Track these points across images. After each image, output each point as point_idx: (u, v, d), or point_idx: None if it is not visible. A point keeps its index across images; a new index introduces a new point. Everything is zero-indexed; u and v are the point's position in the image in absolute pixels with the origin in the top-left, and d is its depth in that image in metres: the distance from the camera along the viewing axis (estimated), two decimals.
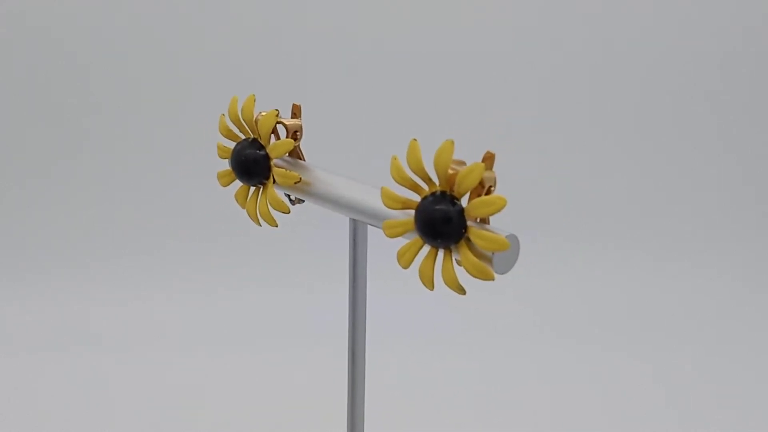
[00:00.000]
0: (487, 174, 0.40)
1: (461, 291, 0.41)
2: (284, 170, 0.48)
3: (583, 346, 1.04)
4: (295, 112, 0.50)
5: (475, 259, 0.40)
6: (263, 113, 0.49)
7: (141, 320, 1.09)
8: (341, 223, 0.48)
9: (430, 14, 1.23)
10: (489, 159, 0.41)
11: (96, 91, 1.19)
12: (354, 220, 0.48)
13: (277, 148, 0.48)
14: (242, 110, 0.49)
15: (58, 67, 1.19)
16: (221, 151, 0.52)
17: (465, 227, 0.40)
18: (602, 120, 1.25)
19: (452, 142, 0.39)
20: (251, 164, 0.49)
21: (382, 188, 0.43)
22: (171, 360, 1.00)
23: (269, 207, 0.49)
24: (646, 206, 1.26)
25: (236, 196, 0.52)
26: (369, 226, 0.48)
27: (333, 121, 1.18)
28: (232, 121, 0.50)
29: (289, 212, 0.48)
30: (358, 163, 1.10)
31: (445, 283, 0.41)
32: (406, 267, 0.43)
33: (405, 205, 0.42)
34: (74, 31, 1.19)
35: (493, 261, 0.40)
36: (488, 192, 0.41)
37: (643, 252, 1.23)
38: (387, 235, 0.43)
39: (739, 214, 1.26)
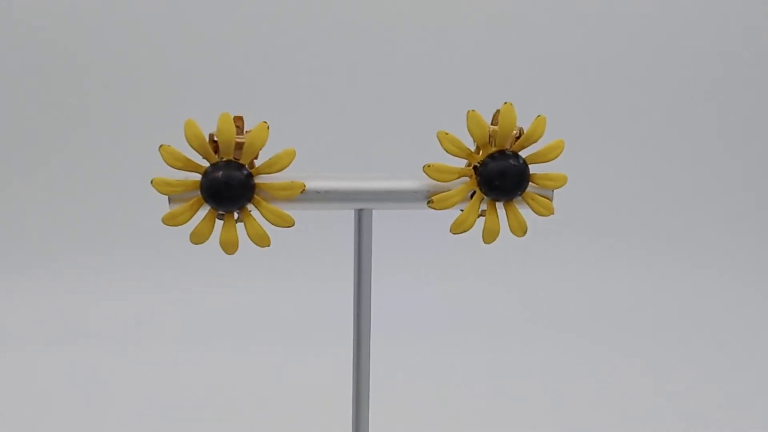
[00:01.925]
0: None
1: (525, 233, 0.45)
2: (289, 182, 0.42)
3: (585, 345, 1.04)
4: (239, 125, 0.43)
5: (543, 199, 0.44)
6: (247, 129, 0.42)
7: (142, 316, 1.08)
8: (331, 219, 0.45)
9: (423, 12, 1.18)
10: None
11: (93, 87, 1.17)
12: (359, 211, 0.46)
13: (280, 161, 0.42)
14: (221, 131, 0.41)
15: (58, 66, 1.17)
16: (167, 187, 0.42)
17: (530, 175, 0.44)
18: (602, 118, 1.24)
19: (512, 104, 0.42)
20: (236, 188, 0.42)
21: (430, 164, 0.43)
22: (172, 356, 0.98)
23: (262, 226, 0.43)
24: (647, 206, 1.25)
25: (199, 233, 0.43)
26: (371, 218, 0.46)
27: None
28: (195, 146, 0.41)
29: (294, 223, 0.43)
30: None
31: (515, 232, 0.45)
32: (468, 229, 0.44)
33: (461, 173, 0.43)
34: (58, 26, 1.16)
35: (553, 197, 0.45)
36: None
37: (644, 251, 1.23)
38: (440, 208, 0.44)
39: (740, 214, 1.26)
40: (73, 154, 1.18)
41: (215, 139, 0.43)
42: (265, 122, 0.42)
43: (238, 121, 0.44)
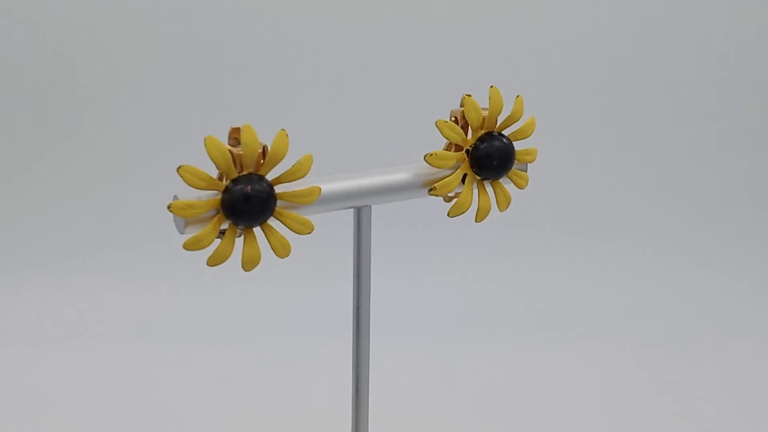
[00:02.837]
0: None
1: (509, 206, 0.48)
2: (308, 188, 0.42)
3: (586, 344, 1.03)
4: (237, 137, 0.42)
5: (522, 173, 0.48)
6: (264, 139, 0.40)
7: (139, 316, 1.07)
8: (329, 216, 0.45)
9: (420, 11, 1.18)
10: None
11: (91, 85, 1.17)
12: (358, 209, 0.46)
13: (302, 168, 0.41)
14: (246, 144, 0.39)
15: (59, 66, 1.17)
16: (190, 210, 0.39)
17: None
18: (601, 116, 1.23)
19: (497, 87, 0.46)
20: (265, 201, 0.40)
21: (432, 153, 0.45)
22: (170, 356, 0.98)
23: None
24: (647, 205, 1.24)
25: (221, 254, 0.41)
26: (370, 214, 0.47)
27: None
28: (220, 163, 0.39)
29: (314, 229, 0.43)
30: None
31: (502, 207, 0.48)
32: (466, 211, 0.47)
33: (458, 158, 0.46)
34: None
35: (527, 169, 0.49)
36: None
37: (643, 250, 1.22)
38: (442, 194, 0.46)
39: (739, 213, 1.26)
40: (73, 153, 1.18)
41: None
42: (284, 130, 0.41)
43: (236, 132, 0.43)
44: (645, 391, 0.92)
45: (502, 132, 0.47)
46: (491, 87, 0.46)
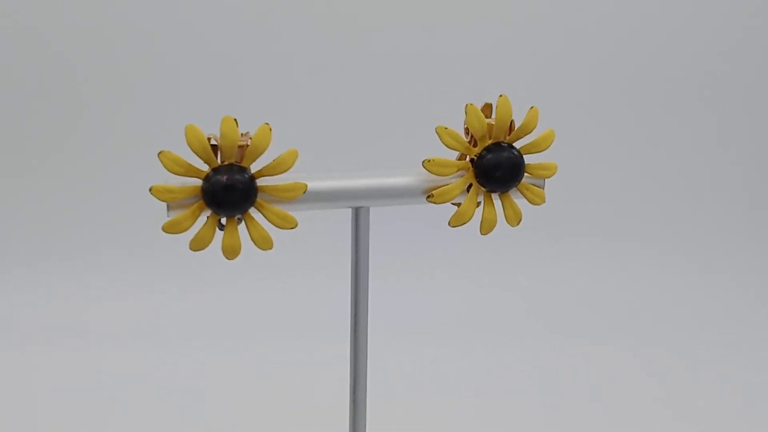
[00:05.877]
0: None
1: (520, 222, 0.46)
2: (292, 183, 0.42)
3: (586, 345, 1.03)
4: None
5: (537, 188, 0.46)
6: (245, 131, 0.41)
7: (139, 316, 1.07)
8: (327, 218, 0.45)
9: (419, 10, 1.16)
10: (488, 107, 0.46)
11: (90, 84, 1.15)
12: (356, 209, 0.46)
13: (284, 162, 0.41)
14: (224, 135, 0.40)
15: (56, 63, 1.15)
16: (168, 194, 0.41)
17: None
18: (602, 117, 1.22)
19: (507, 96, 0.43)
20: (240, 192, 0.41)
21: (431, 159, 0.44)
22: (168, 356, 0.97)
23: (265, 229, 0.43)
24: (647, 205, 1.24)
25: (200, 239, 0.42)
26: (368, 216, 0.46)
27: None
28: (197, 151, 0.40)
29: (297, 224, 0.43)
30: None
31: (510, 221, 0.46)
32: (467, 221, 0.45)
33: (460, 167, 0.44)
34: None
35: (544, 186, 0.46)
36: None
37: (643, 250, 1.22)
38: (440, 202, 0.45)
39: (740, 214, 1.26)
40: (74, 153, 1.17)
41: (213, 142, 0.42)
42: (268, 124, 0.42)
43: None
44: (644, 390, 0.91)
45: (513, 144, 0.45)
46: (500, 96, 0.44)
